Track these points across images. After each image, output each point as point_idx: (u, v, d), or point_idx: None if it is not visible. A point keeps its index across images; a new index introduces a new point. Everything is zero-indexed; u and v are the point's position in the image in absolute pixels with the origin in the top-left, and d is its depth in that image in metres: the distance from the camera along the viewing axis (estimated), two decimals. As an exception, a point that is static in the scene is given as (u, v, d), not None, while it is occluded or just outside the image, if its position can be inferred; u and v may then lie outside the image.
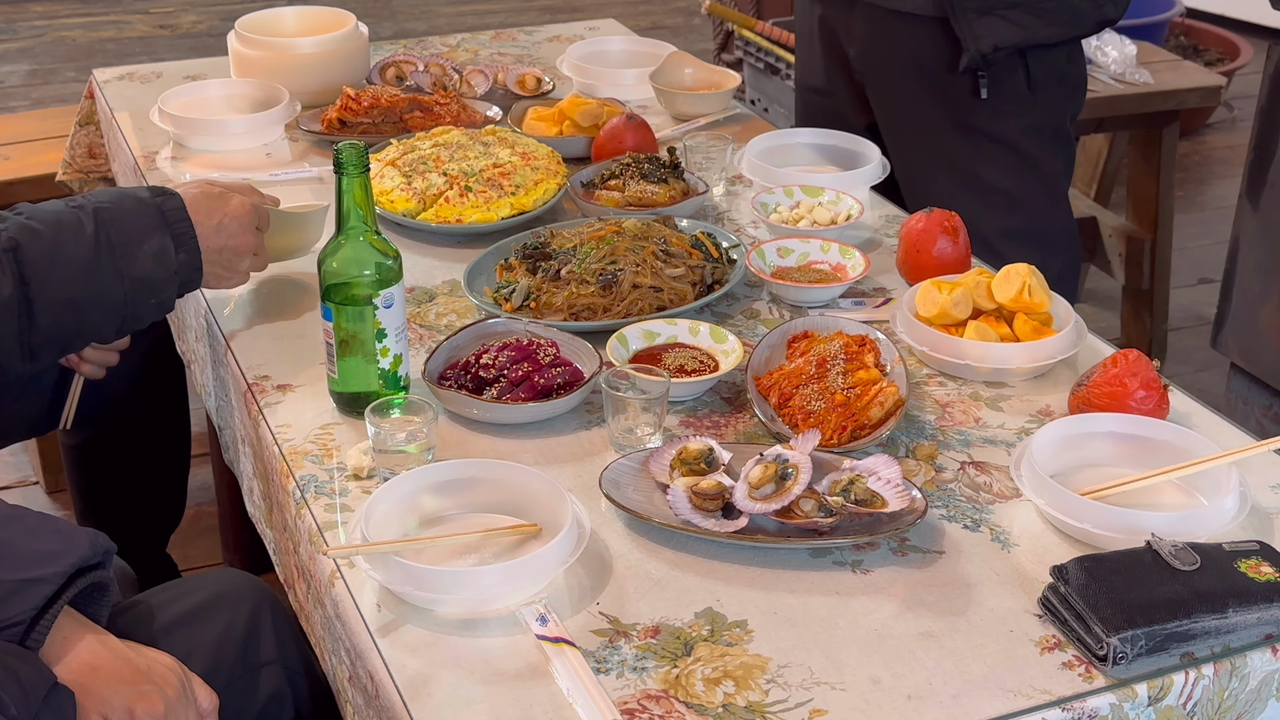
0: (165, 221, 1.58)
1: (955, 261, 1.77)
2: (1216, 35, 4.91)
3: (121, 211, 1.57)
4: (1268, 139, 2.25)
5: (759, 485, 1.35)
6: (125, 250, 1.55)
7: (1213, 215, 4.27)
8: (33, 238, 1.51)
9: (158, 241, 1.57)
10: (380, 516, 1.33)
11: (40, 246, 1.51)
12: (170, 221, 1.58)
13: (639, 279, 1.72)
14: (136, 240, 1.56)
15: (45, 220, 1.54)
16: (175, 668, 1.31)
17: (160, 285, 1.58)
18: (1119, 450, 1.46)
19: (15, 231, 1.51)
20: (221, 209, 1.64)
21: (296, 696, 1.48)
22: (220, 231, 1.63)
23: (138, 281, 1.56)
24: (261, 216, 1.71)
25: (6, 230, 1.51)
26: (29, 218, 1.54)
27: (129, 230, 1.56)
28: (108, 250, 1.53)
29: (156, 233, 1.57)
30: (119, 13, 5.91)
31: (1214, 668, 1.21)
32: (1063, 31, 2.21)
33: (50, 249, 1.51)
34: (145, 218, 1.57)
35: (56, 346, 1.57)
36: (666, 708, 1.16)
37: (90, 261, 1.53)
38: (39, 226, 1.52)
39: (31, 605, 1.23)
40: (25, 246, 1.50)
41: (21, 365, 1.54)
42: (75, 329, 1.56)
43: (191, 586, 1.55)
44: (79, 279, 1.53)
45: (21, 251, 1.50)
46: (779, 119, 3.75)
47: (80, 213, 1.55)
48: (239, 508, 1.94)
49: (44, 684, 1.21)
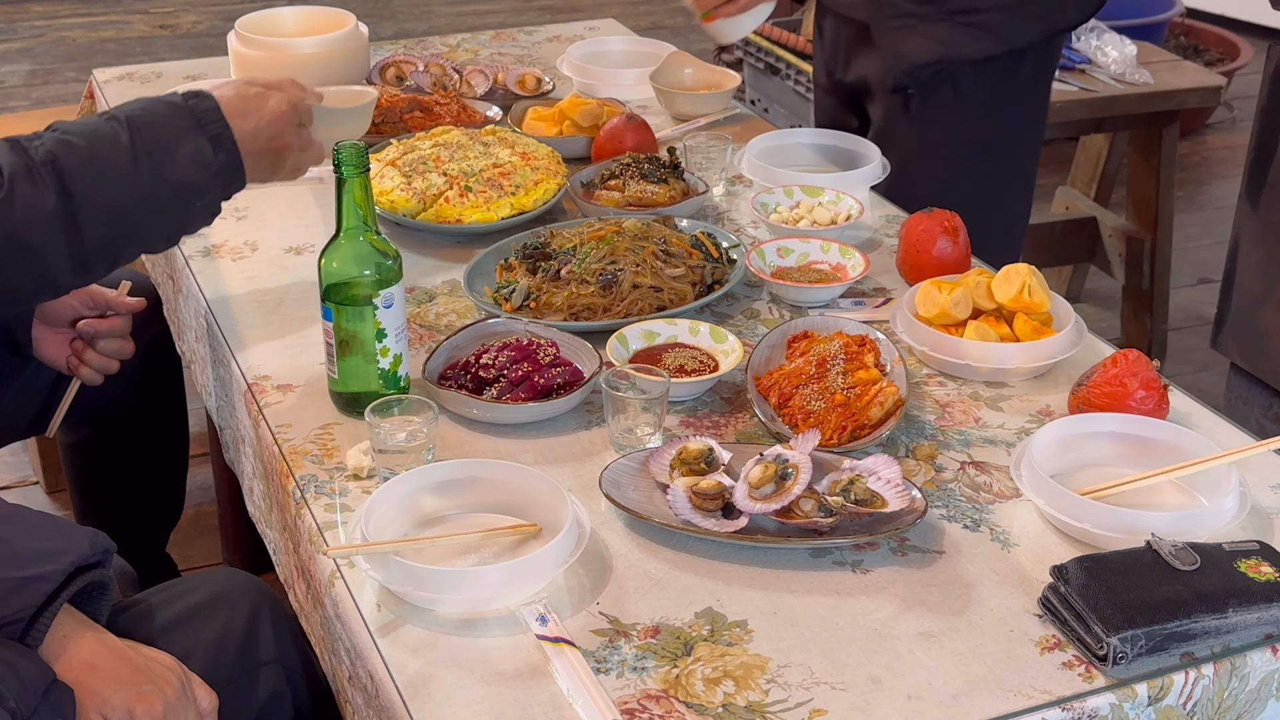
0: (199, 123, 1.57)
1: (955, 261, 1.77)
2: (1216, 35, 4.91)
3: (155, 117, 1.56)
4: (1268, 139, 2.25)
5: (759, 485, 1.35)
6: (163, 155, 1.54)
7: (1213, 215, 4.27)
8: (70, 150, 1.51)
9: (194, 143, 1.56)
10: (380, 516, 1.33)
11: (78, 157, 1.51)
12: (204, 123, 1.57)
13: (639, 279, 1.72)
14: (172, 144, 1.55)
15: (80, 132, 1.53)
16: (175, 667, 1.31)
17: (203, 188, 1.57)
18: (1119, 450, 1.46)
19: (52, 145, 1.51)
20: (259, 110, 1.61)
21: (295, 696, 1.48)
22: (259, 133, 1.61)
23: (179, 186, 1.55)
24: (304, 113, 1.68)
25: (44, 145, 1.51)
26: (64, 132, 1.54)
27: (164, 135, 1.55)
28: (145, 156, 1.53)
29: (191, 135, 1.56)
30: (119, 13, 5.91)
31: (1214, 668, 1.21)
32: (992, 47, 2.14)
33: (88, 159, 1.51)
34: (179, 121, 1.56)
35: (107, 258, 1.56)
36: (666, 708, 1.16)
37: (129, 169, 1.52)
38: (75, 139, 1.52)
39: (31, 603, 1.23)
40: (63, 158, 1.50)
41: (74, 278, 1.55)
42: (124, 238, 1.55)
43: (191, 586, 1.55)
44: (121, 187, 1.52)
45: (60, 163, 1.50)
46: (779, 119, 3.75)
47: (115, 123, 1.55)
48: (239, 508, 1.94)
49: (43, 680, 1.21)
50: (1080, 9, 2.18)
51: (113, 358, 1.89)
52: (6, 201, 1.46)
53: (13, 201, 1.46)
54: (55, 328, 1.87)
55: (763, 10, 2.07)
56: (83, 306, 1.86)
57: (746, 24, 2.08)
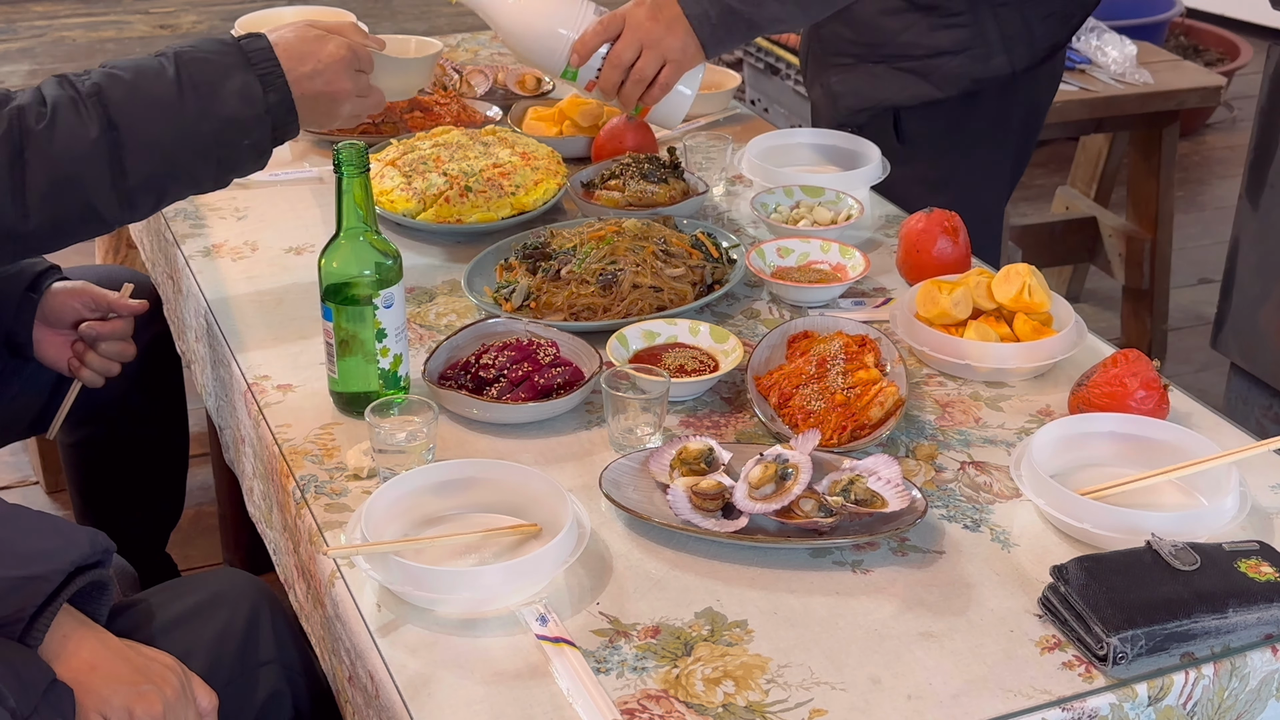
0: (248, 61, 1.57)
1: (955, 261, 1.77)
2: (1216, 35, 4.91)
3: (202, 52, 1.56)
4: (1268, 139, 2.24)
5: (759, 485, 1.35)
6: (209, 89, 1.54)
7: (1213, 215, 4.27)
8: (115, 82, 1.52)
9: (240, 79, 1.55)
10: (380, 516, 1.33)
11: (123, 89, 1.52)
12: (254, 61, 1.57)
13: (639, 279, 1.72)
14: (219, 79, 1.55)
15: (127, 67, 1.55)
16: (175, 667, 1.31)
17: (250, 125, 1.57)
18: (1119, 450, 1.46)
19: (99, 78, 1.53)
20: (316, 53, 1.61)
21: (295, 696, 1.48)
22: (314, 77, 1.60)
23: (225, 121, 1.55)
24: (364, 59, 1.67)
25: (90, 78, 1.53)
26: (111, 67, 1.55)
27: (211, 69, 1.55)
28: (190, 89, 1.53)
29: (239, 70, 1.56)
30: (119, 13, 5.91)
31: (1214, 668, 1.21)
32: (927, 92, 2.12)
33: (133, 91, 1.52)
34: (227, 57, 1.56)
35: (153, 193, 1.56)
36: (666, 708, 1.16)
37: (174, 101, 1.53)
38: (121, 72, 1.54)
39: (31, 602, 1.23)
40: (108, 89, 1.51)
41: (120, 212, 1.55)
42: (168, 173, 1.56)
43: (191, 586, 1.55)
44: (165, 120, 1.52)
45: (105, 94, 1.51)
46: (779, 119, 3.75)
47: (162, 58, 1.56)
48: (239, 508, 1.94)
49: (43, 679, 1.21)
50: (1024, 55, 2.13)
51: (114, 360, 1.88)
52: (48, 129, 1.48)
53: (54, 129, 1.48)
54: (57, 329, 1.87)
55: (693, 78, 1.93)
56: (84, 308, 1.86)
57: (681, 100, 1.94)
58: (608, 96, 1.91)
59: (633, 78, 1.86)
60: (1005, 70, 2.12)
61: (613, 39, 1.85)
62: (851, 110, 2.16)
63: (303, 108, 1.60)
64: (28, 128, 1.49)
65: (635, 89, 1.87)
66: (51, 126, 1.48)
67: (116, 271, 2.13)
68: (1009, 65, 2.12)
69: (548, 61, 1.90)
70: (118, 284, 1.90)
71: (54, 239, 1.54)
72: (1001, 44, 2.10)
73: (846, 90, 2.15)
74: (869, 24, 2.13)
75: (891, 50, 2.12)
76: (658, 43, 1.84)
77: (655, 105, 1.92)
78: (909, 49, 2.11)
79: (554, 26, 1.87)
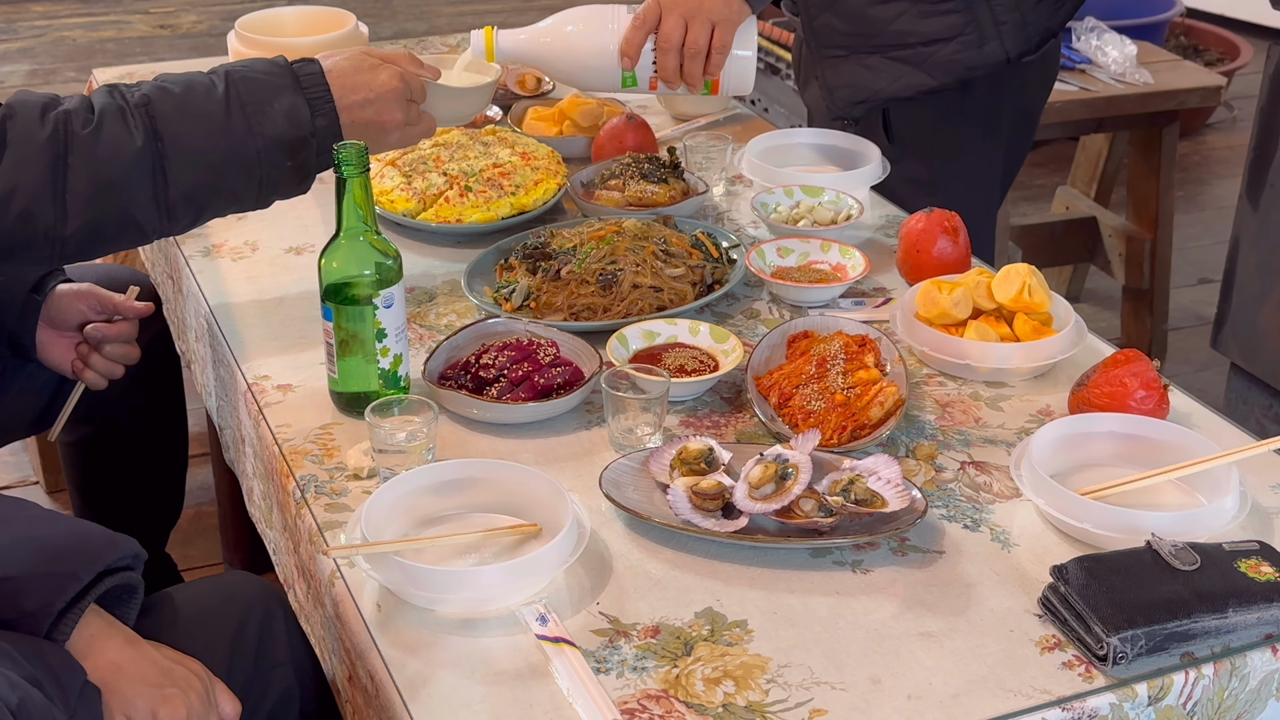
0: (298, 84, 1.57)
1: (955, 261, 1.77)
2: (1216, 35, 4.91)
3: (253, 72, 1.57)
4: (1268, 139, 2.24)
5: (759, 485, 1.35)
6: (256, 108, 1.55)
7: (1213, 215, 4.27)
8: (164, 95, 1.54)
9: (289, 100, 1.56)
10: (380, 516, 1.33)
11: (172, 102, 1.53)
12: (305, 85, 1.58)
13: (639, 279, 1.72)
14: (267, 98, 1.56)
15: (178, 81, 1.56)
16: (201, 673, 1.32)
17: (295, 147, 1.57)
18: (1119, 450, 1.46)
19: (148, 89, 1.55)
20: (369, 83, 1.61)
21: (304, 696, 1.49)
22: (365, 106, 1.61)
23: (270, 140, 1.56)
24: (415, 89, 1.67)
25: (140, 89, 1.55)
26: (162, 80, 1.56)
27: (260, 89, 1.56)
28: (238, 107, 1.54)
29: (288, 92, 1.57)
30: (119, 13, 5.91)
31: (1214, 668, 1.21)
32: (924, 82, 2.11)
33: (181, 105, 1.54)
34: (277, 79, 1.57)
35: (193, 206, 1.57)
36: (666, 708, 1.16)
37: (221, 116, 1.54)
38: (172, 86, 1.55)
39: (60, 598, 1.24)
40: (157, 101, 1.53)
41: (159, 223, 1.55)
42: (210, 188, 1.56)
43: (206, 588, 1.57)
44: (210, 134, 1.53)
45: (153, 105, 1.53)
46: (779, 119, 3.74)
47: (213, 75, 1.57)
48: (239, 508, 1.94)
49: (77, 680, 1.22)
50: (1018, 41, 2.11)
51: (119, 363, 1.88)
52: (94, 135, 1.49)
53: (100, 136, 1.49)
54: (61, 331, 1.87)
55: (747, 37, 1.86)
56: (90, 310, 1.86)
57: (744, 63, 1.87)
58: (672, 84, 1.86)
59: (688, 54, 1.82)
60: (999, 57, 2.11)
61: (654, 28, 1.83)
62: (848, 103, 2.16)
63: (350, 134, 1.61)
64: (73, 132, 1.49)
65: (695, 64, 1.83)
66: (97, 132, 1.49)
67: (117, 271, 2.13)
68: (1002, 51, 2.10)
69: (606, 79, 1.87)
70: (119, 283, 1.90)
71: (91, 245, 1.54)
72: (994, 29, 2.09)
73: (841, 83, 2.14)
74: (859, 15, 2.13)
75: (884, 40, 2.11)
76: (699, 9, 1.80)
77: (722, 75, 1.89)
78: (901, 38, 2.10)
79: (596, 42, 1.84)
